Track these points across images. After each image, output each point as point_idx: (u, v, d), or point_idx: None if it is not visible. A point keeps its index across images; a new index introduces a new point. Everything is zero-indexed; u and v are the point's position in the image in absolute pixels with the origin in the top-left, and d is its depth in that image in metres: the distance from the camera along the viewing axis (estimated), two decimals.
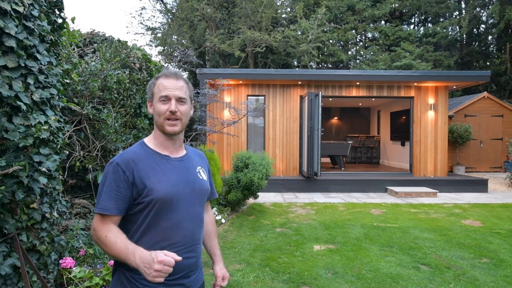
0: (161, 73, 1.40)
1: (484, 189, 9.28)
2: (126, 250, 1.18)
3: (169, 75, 1.37)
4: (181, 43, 20.42)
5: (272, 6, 18.48)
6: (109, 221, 1.26)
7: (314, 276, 3.65)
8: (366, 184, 9.30)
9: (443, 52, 19.47)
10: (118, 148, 4.16)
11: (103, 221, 1.26)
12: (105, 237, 1.22)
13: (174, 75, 1.38)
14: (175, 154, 1.42)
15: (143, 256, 1.14)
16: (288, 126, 10.13)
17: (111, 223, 1.26)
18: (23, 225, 2.25)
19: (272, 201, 7.80)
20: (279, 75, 9.66)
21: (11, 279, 2.20)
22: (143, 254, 1.15)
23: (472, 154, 12.99)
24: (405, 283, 3.50)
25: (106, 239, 1.22)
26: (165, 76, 1.37)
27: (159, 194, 1.27)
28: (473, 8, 19.78)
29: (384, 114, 14.17)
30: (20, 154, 2.18)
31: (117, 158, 1.31)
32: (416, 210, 6.96)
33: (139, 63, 4.96)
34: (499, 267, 3.92)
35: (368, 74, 9.80)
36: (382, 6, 19.22)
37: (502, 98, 17.97)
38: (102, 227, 1.24)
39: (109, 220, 1.26)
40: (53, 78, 2.51)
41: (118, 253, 1.19)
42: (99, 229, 1.24)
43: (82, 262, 3.06)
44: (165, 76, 1.37)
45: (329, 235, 5.13)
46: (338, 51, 19.83)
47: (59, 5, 2.72)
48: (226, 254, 4.31)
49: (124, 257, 1.18)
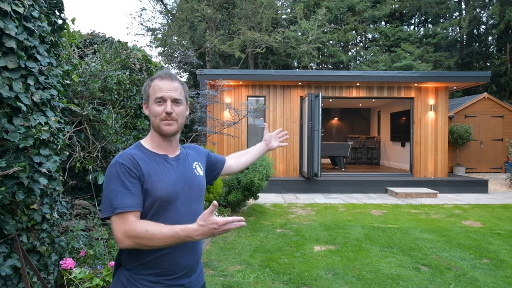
0: (155, 75, 1.39)
1: (484, 189, 9.28)
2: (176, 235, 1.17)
3: (163, 77, 1.37)
4: (181, 44, 20.43)
5: (272, 7, 18.49)
6: (132, 217, 1.21)
7: (314, 277, 3.64)
8: (366, 185, 9.29)
9: (443, 53, 19.48)
10: (118, 149, 4.16)
11: (127, 220, 1.20)
12: (146, 232, 1.17)
13: (169, 76, 1.38)
14: (172, 154, 1.43)
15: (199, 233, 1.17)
16: (288, 127, 10.13)
17: (137, 220, 1.22)
18: (23, 226, 2.25)
19: (273, 202, 7.79)
20: (279, 76, 9.66)
21: (12, 280, 2.20)
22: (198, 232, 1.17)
23: (472, 154, 12.98)
24: (406, 284, 3.50)
25: (149, 233, 1.17)
26: (159, 78, 1.37)
27: (159, 193, 1.28)
28: (473, 8, 19.79)
29: (384, 114, 14.16)
30: (20, 155, 2.18)
31: (119, 159, 1.29)
32: (416, 210, 6.96)
33: (139, 64, 4.96)
34: (500, 268, 3.91)
35: (368, 75, 9.80)
36: (382, 7, 19.23)
37: (502, 99, 17.96)
38: (133, 225, 1.19)
39: (132, 217, 1.21)
40: (53, 79, 2.51)
41: (169, 240, 1.18)
42: (131, 228, 1.18)
43: (83, 263, 3.06)
44: (160, 78, 1.37)
45: (330, 236, 5.12)
46: (338, 52, 19.83)
47: (59, 6, 2.72)
48: (226, 255, 4.31)
49: (178, 241, 1.19)
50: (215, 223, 1.15)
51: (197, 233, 1.16)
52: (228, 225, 1.15)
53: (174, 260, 1.30)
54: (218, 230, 1.15)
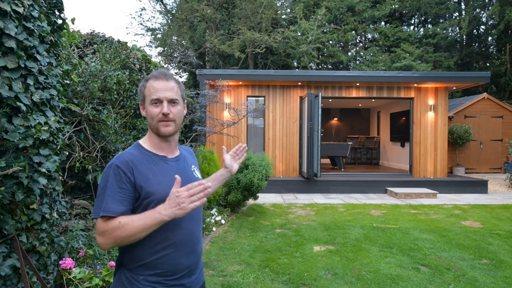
0: (150, 75, 1.38)
1: (484, 190, 9.28)
2: (146, 217, 1.17)
3: (158, 77, 1.35)
4: (181, 44, 20.42)
5: (272, 7, 18.49)
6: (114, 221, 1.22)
7: (314, 277, 3.64)
8: (366, 185, 9.30)
9: (443, 53, 19.49)
10: (118, 149, 4.16)
11: (108, 224, 1.21)
12: (118, 223, 1.18)
13: (164, 76, 1.36)
14: (171, 155, 1.42)
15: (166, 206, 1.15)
16: (288, 127, 10.13)
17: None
18: (23, 226, 2.25)
19: (272, 202, 7.79)
20: (279, 76, 9.66)
21: (11, 279, 2.20)
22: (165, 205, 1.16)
23: (472, 155, 12.99)
24: (405, 284, 3.50)
25: (121, 223, 1.17)
26: (154, 78, 1.35)
27: (159, 195, 1.27)
28: (473, 9, 19.80)
29: (384, 115, 14.17)
30: (20, 155, 2.18)
31: (115, 161, 1.29)
32: (416, 211, 6.96)
33: (139, 64, 4.96)
34: (499, 268, 3.92)
35: (368, 75, 9.81)
36: (382, 7, 19.23)
37: (502, 99, 17.97)
38: (109, 224, 1.19)
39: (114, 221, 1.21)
40: (53, 79, 2.51)
41: (141, 225, 1.17)
42: (107, 228, 1.19)
43: (82, 263, 3.06)
44: (155, 78, 1.35)
45: (329, 236, 5.13)
46: (338, 52, 19.84)
47: (59, 6, 2.72)
48: (226, 254, 4.31)
49: (150, 222, 1.16)
50: (175, 192, 1.15)
51: (164, 207, 1.16)
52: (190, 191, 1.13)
53: (175, 260, 1.30)
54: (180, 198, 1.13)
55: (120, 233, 1.17)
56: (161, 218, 1.15)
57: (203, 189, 1.14)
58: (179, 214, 1.14)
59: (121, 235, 1.17)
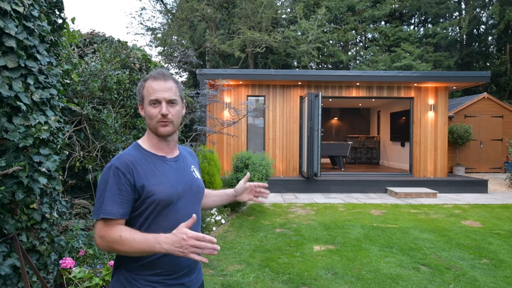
0: (148, 75, 1.37)
1: (484, 189, 9.28)
2: (147, 241, 1.17)
3: (157, 77, 1.35)
4: (181, 44, 20.43)
5: (272, 7, 18.50)
6: (114, 224, 1.23)
7: (314, 277, 3.64)
8: (366, 184, 9.30)
9: (443, 53, 19.49)
10: (118, 149, 4.16)
11: (109, 226, 1.22)
12: (119, 237, 1.18)
13: (162, 76, 1.35)
14: (171, 155, 1.42)
15: (169, 241, 1.14)
16: (288, 126, 10.13)
17: (118, 225, 1.23)
18: (23, 225, 2.25)
19: (272, 202, 7.79)
20: (279, 76, 9.66)
21: (11, 279, 2.20)
22: (168, 239, 1.15)
23: (472, 154, 12.99)
24: (405, 283, 3.50)
25: (122, 239, 1.18)
26: (153, 78, 1.35)
27: (159, 195, 1.27)
28: (473, 8, 19.79)
29: (384, 114, 14.17)
30: (20, 155, 2.18)
31: (115, 162, 1.28)
32: (416, 210, 6.96)
33: (139, 63, 4.96)
34: (499, 268, 3.92)
35: (368, 75, 9.81)
36: (382, 6, 19.23)
37: (502, 98, 17.97)
38: (111, 231, 1.20)
39: (114, 224, 1.23)
40: (53, 78, 2.51)
41: (139, 248, 1.17)
42: (108, 234, 1.20)
43: (82, 262, 3.06)
44: (153, 78, 1.34)
45: (329, 236, 5.13)
46: (338, 51, 19.84)
47: (59, 5, 2.72)
48: (226, 254, 4.31)
49: (148, 249, 1.17)
50: (185, 234, 1.13)
51: (167, 240, 1.15)
52: (198, 242, 1.12)
53: (175, 260, 1.30)
54: (186, 242, 1.12)
55: (119, 247, 1.19)
56: (159, 249, 1.16)
57: (211, 248, 1.13)
58: (176, 254, 1.14)
59: (119, 248, 1.19)
